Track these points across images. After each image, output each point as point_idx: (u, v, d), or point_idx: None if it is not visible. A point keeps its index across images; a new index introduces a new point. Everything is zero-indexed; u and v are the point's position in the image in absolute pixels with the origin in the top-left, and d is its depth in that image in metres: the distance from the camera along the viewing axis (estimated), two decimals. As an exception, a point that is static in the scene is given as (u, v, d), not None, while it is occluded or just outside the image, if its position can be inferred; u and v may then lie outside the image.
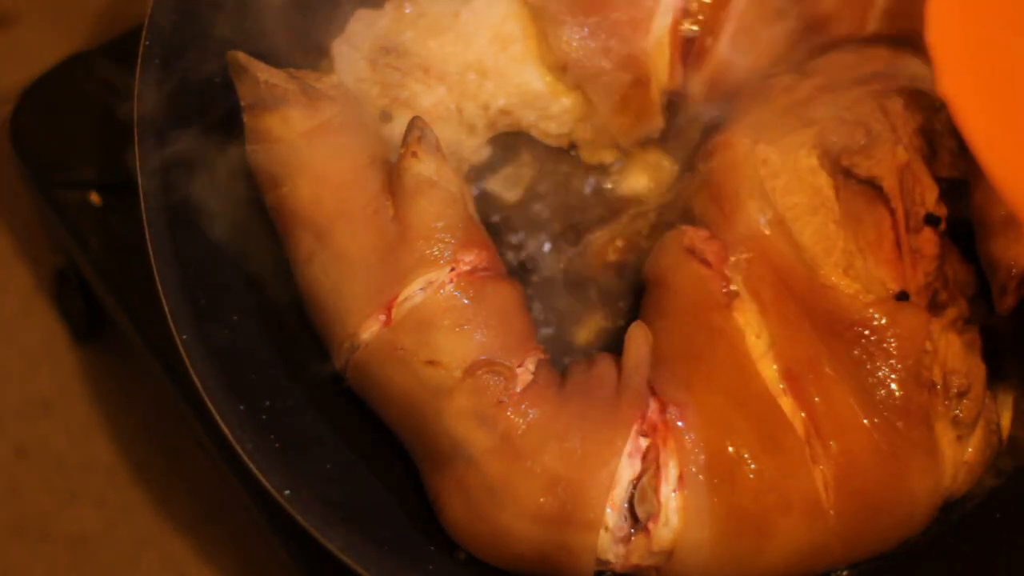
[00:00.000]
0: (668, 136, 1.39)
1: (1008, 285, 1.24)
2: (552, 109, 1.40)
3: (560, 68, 1.38)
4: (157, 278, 1.24)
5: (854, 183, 1.27)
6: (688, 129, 1.39)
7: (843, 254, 1.25)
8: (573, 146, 1.43)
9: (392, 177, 1.27)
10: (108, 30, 1.76)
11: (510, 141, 1.42)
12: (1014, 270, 1.23)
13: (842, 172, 1.28)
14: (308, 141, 1.28)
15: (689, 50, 1.39)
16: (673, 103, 1.40)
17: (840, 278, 1.24)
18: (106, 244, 1.46)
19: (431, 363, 1.22)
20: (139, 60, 1.32)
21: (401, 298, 1.24)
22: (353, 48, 1.40)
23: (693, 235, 1.30)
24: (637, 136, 1.39)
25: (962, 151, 1.31)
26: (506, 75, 1.39)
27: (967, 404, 1.25)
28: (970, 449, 1.27)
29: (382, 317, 1.24)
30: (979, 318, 1.30)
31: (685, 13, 1.38)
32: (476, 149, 1.41)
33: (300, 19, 1.44)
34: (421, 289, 1.24)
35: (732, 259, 1.28)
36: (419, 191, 1.25)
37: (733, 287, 1.27)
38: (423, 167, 1.25)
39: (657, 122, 1.39)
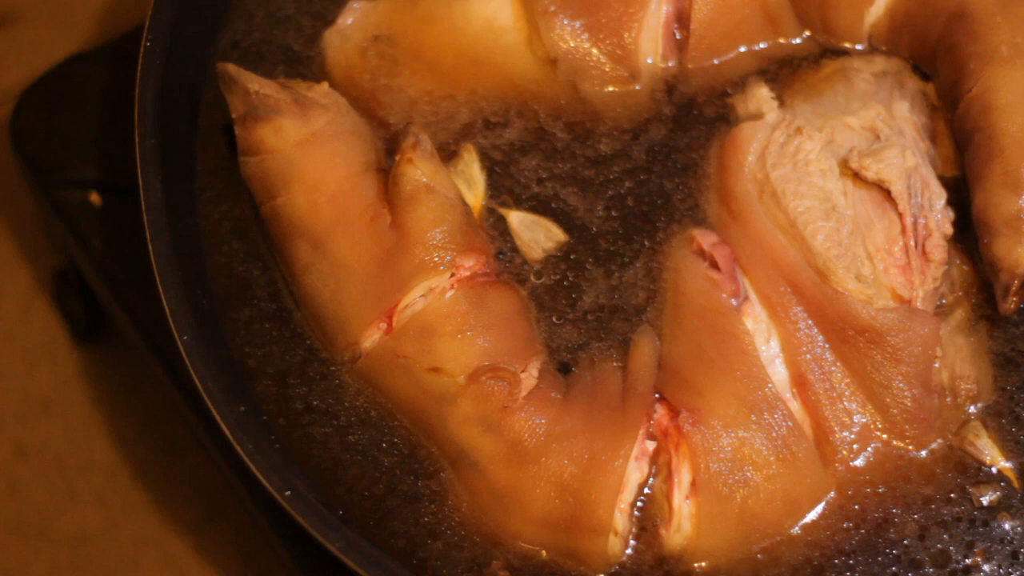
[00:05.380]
0: (667, 134, 1.39)
1: (1011, 287, 1.23)
2: (545, 101, 1.39)
3: (551, 60, 1.38)
4: (157, 278, 1.24)
5: (862, 187, 1.27)
6: (690, 127, 1.39)
7: (854, 260, 1.24)
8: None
9: (388, 184, 1.27)
10: (108, 30, 1.76)
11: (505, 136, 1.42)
12: (1017, 271, 1.23)
13: (851, 175, 1.28)
14: (302, 151, 1.27)
15: (683, 43, 1.39)
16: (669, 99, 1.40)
17: (851, 284, 1.23)
18: (106, 244, 1.46)
19: (434, 370, 1.22)
20: (139, 60, 1.31)
21: (402, 305, 1.23)
22: (344, 37, 1.40)
23: (702, 239, 1.29)
24: (628, 128, 1.39)
25: (961, 152, 1.32)
26: (497, 66, 1.39)
27: (976, 409, 1.26)
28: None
29: (383, 325, 1.24)
30: (984, 320, 1.30)
31: (677, 6, 1.38)
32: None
33: (300, 17, 1.44)
34: (422, 296, 1.24)
35: (742, 263, 1.27)
36: (416, 197, 1.25)
37: (743, 292, 1.26)
38: (420, 173, 1.25)
39: (649, 116, 1.39)
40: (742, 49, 1.40)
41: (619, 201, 1.35)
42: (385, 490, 1.26)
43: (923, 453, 1.25)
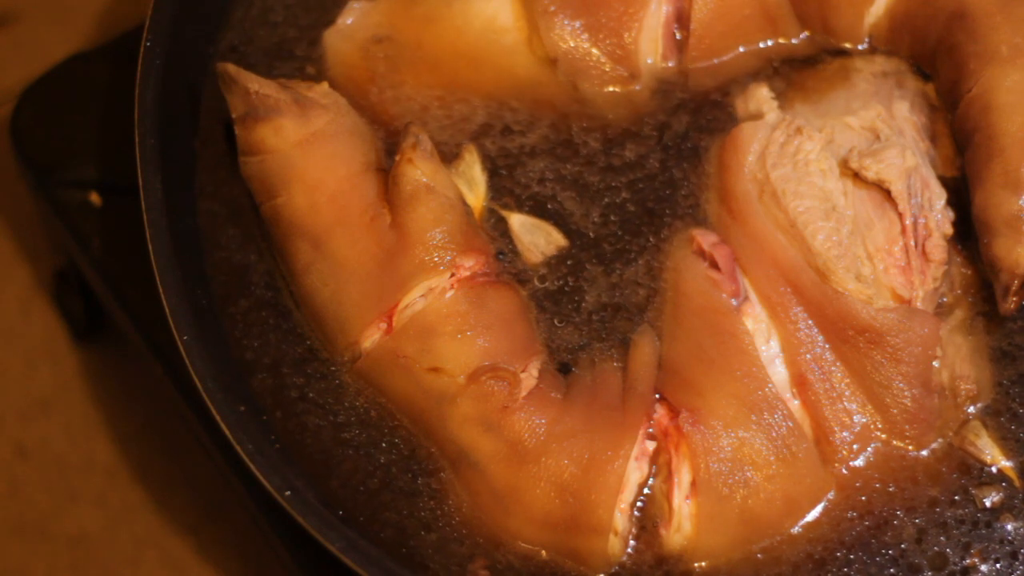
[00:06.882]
0: (667, 133, 1.39)
1: (1011, 287, 1.23)
2: (544, 100, 1.39)
3: (551, 60, 1.38)
4: (157, 278, 1.24)
5: (862, 187, 1.27)
6: (689, 126, 1.39)
7: (854, 260, 1.24)
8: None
9: (389, 184, 1.27)
10: (108, 30, 1.76)
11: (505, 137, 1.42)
12: (1017, 271, 1.23)
13: (851, 175, 1.28)
14: (302, 150, 1.27)
15: (683, 43, 1.39)
16: (670, 98, 1.40)
17: (851, 284, 1.23)
18: (106, 244, 1.46)
19: (434, 370, 1.22)
20: (139, 60, 1.31)
21: (402, 305, 1.24)
22: (345, 37, 1.40)
23: (702, 239, 1.29)
24: (628, 128, 1.39)
25: (961, 152, 1.32)
26: (498, 66, 1.39)
27: (975, 409, 1.26)
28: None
29: (383, 325, 1.24)
30: (981, 316, 1.30)
31: (677, 6, 1.38)
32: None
33: (300, 17, 1.44)
34: (422, 296, 1.24)
35: (742, 263, 1.28)
36: (416, 198, 1.25)
37: (743, 292, 1.27)
38: (420, 173, 1.25)
39: (649, 116, 1.39)
40: (742, 49, 1.40)
41: (618, 206, 1.35)
42: (380, 485, 1.26)
43: (924, 453, 1.25)
